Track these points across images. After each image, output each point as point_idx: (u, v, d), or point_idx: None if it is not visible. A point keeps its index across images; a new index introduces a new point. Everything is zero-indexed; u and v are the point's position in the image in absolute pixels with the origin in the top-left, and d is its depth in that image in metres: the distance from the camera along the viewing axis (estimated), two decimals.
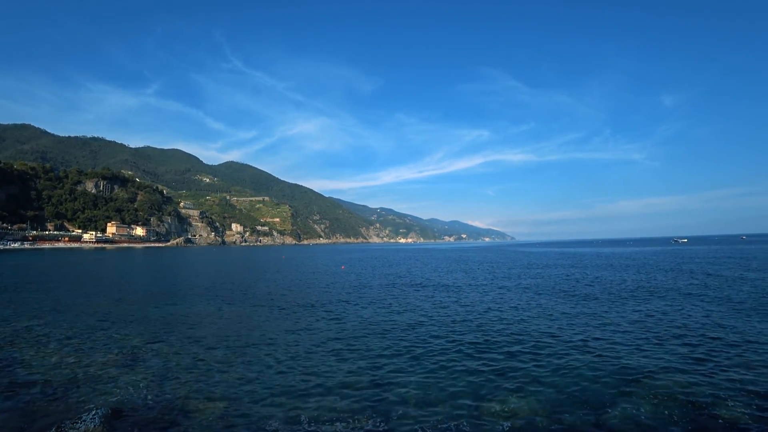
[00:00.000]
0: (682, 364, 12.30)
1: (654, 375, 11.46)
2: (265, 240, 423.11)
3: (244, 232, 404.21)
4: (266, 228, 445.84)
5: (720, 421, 8.74)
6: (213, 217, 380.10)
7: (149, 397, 10.38)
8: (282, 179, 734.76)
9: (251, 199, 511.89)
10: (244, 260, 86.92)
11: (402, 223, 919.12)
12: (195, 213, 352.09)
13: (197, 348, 14.86)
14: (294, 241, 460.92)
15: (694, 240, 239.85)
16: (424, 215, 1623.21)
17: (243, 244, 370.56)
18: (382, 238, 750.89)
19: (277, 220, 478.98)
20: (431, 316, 20.30)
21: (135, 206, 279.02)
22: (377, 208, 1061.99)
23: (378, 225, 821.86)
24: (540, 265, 56.41)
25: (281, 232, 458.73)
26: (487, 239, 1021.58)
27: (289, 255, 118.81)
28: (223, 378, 11.81)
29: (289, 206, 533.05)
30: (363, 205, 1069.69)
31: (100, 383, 11.33)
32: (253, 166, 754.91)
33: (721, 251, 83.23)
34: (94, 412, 8.77)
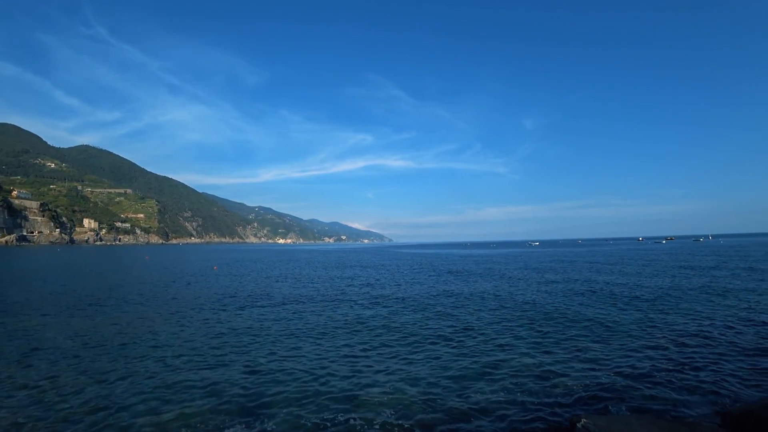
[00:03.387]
0: (529, 348, 15.46)
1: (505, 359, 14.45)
2: (126, 239, 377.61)
3: (100, 229, 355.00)
4: (128, 225, 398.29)
5: (558, 389, 11.88)
6: (59, 210, 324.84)
7: None
8: (149, 170, 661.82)
9: (110, 191, 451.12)
10: (98, 261, 77.77)
11: (281, 223, 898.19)
12: (34, 205, 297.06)
13: (38, 369, 13.21)
14: (161, 240, 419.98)
15: (543, 243, 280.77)
16: (305, 215, 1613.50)
17: (98, 243, 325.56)
18: (260, 238, 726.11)
19: (142, 216, 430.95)
20: (305, 316, 21.78)
21: None
22: (256, 207, 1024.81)
23: (256, 224, 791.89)
24: (419, 267, 61.62)
25: (146, 230, 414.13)
26: (366, 241, 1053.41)
27: (155, 255, 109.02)
28: (71, 405, 10.00)
29: (156, 201, 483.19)
30: (240, 203, 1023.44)
31: None
32: (114, 153, 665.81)
33: (564, 252, 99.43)
34: None
